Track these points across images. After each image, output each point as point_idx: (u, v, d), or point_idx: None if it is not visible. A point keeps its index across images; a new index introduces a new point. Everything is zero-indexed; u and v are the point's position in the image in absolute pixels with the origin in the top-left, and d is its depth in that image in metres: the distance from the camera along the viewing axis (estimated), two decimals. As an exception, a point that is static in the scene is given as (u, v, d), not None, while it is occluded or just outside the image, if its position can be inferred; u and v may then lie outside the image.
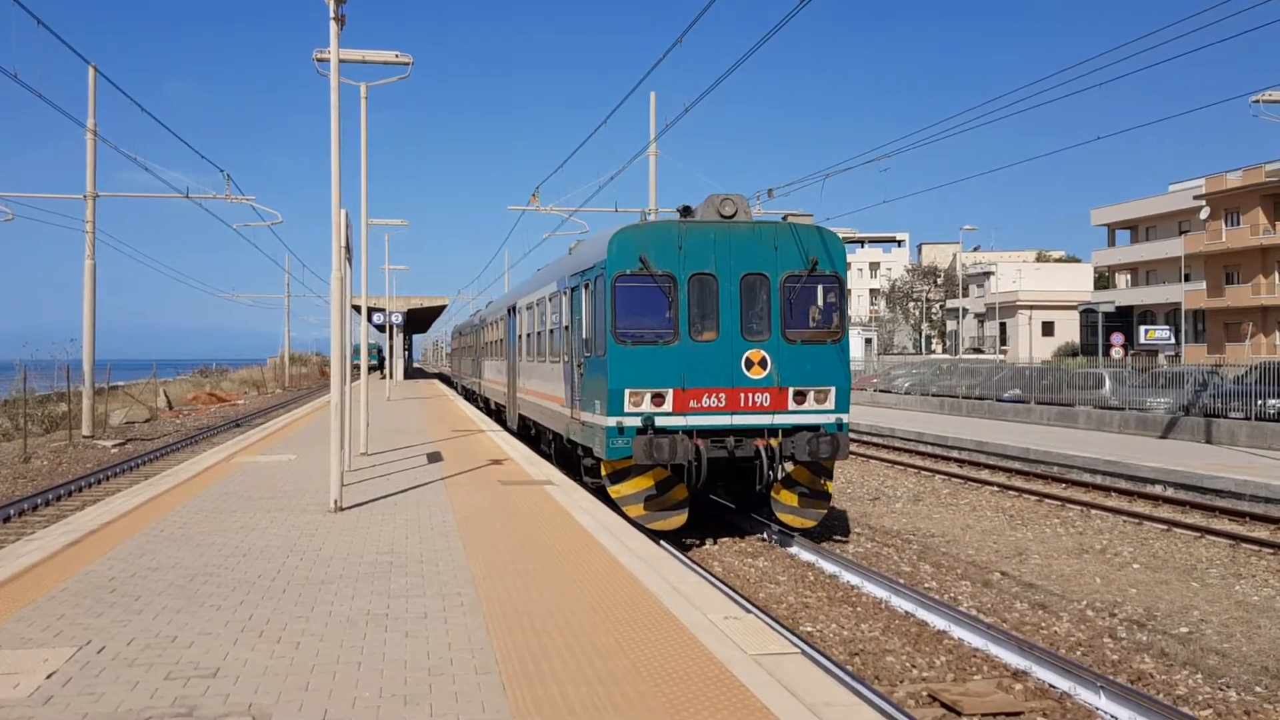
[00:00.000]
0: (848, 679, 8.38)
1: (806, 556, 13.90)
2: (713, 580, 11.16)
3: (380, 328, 40.34)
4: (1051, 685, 8.86)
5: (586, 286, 15.14)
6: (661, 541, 12.81)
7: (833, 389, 14.27)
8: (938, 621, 10.62)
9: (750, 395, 13.98)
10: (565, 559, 9.60)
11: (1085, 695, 8.52)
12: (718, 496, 16.86)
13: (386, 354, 52.70)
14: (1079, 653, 9.95)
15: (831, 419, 14.18)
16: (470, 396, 44.48)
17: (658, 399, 13.73)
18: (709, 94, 19.32)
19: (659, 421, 13.65)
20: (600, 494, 14.51)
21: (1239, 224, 67.92)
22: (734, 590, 11.48)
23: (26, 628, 7.21)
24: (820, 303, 14.61)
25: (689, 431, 13.65)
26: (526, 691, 5.84)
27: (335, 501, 12.40)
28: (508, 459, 18.49)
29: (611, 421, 13.70)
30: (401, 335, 66.79)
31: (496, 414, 31.85)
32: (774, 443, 13.88)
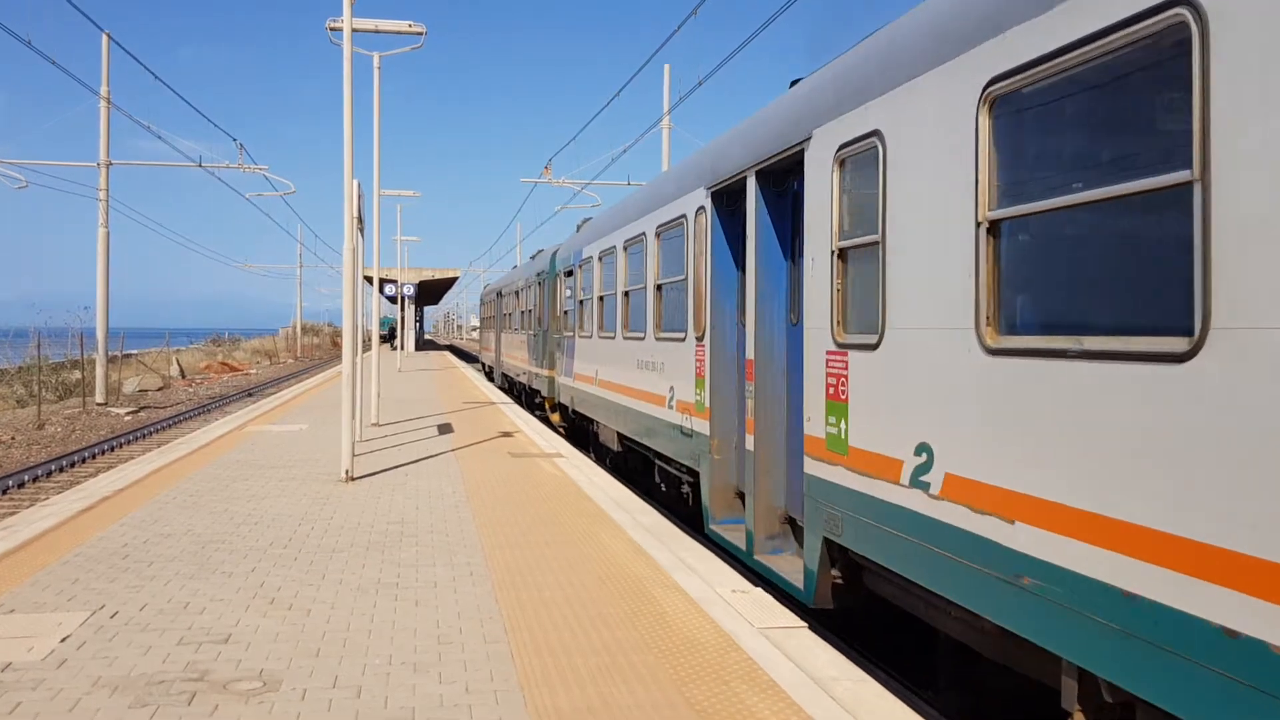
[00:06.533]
0: (855, 653, 8.41)
1: None
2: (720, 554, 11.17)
3: (392, 299, 40.39)
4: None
5: None
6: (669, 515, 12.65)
7: None
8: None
9: None
10: (574, 531, 9.63)
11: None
12: None
13: (398, 326, 52.79)
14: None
15: None
16: (518, 393, 29.60)
17: None
18: (723, 66, 19.08)
19: None
20: None
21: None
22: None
23: (41, 592, 7.29)
24: None
25: None
26: (534, 660, 5.88)
27: (346, 471, 12.46)
28: (518, 431, 18.53)
29: None
30: (413, 307, 66.84)
31: (582, 439, 19.26)
32: None
